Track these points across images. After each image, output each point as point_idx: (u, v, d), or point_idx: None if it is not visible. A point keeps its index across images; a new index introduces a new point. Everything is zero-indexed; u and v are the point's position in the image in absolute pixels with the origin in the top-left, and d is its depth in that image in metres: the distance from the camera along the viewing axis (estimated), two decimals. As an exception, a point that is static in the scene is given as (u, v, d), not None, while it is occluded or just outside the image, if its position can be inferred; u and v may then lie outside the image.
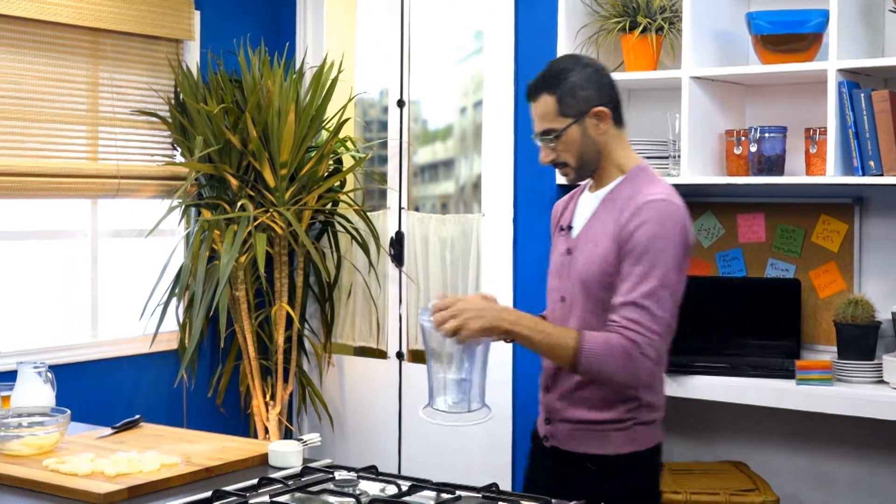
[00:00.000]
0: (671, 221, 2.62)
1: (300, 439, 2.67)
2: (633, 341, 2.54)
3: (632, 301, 2.57)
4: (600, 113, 2.71)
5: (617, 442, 2.71)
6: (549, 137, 2.72)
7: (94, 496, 2.26)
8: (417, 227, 4.95)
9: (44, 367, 3.06)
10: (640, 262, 2.59)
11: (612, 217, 2.68)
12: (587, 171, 2.78)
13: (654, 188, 2.69)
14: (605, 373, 2.58)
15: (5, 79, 4.16)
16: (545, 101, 2.70)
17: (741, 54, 4.30)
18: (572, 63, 2.75)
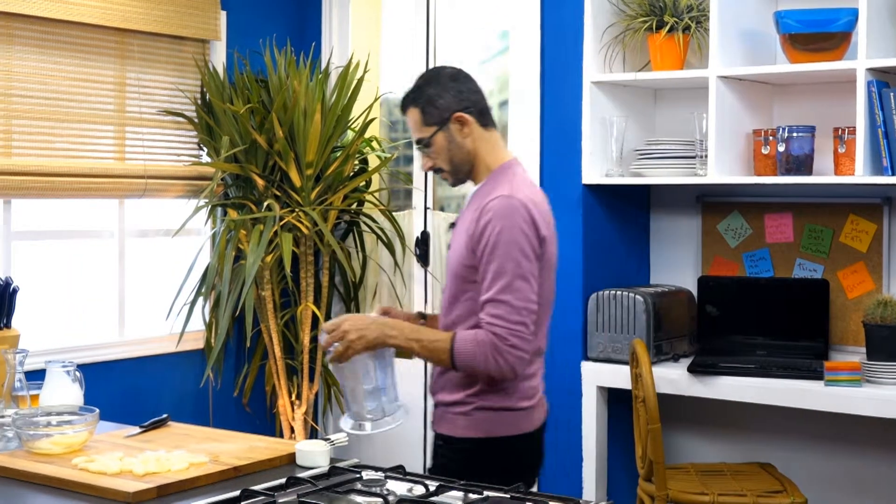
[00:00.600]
0: (514, 215, 2.78)
1: (327, 439, 2.66)
2: (498, 335, 2.73)
3: (491, 298, 2.75)
4: (461, 118, 2.89)
5: (459, 425, 2.90)
6: (421, 146, 2.93)
7: (124, 495, 2.26)
8: (443, 227, 4.95)
9: (72, 367, 3.07)
10: (492, 260, 2.77)
11: (470, 213, 2.87)
12: (462, 174, 2.96)
13: (504, 187, 2.83)
14: (478, 368, 2.76)
15: (34, 79, 4.18)
16: (412, 113, 2.93)
17: (769, 53, 4.27)
18: (431, 75, 2.98)
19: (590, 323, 4.36)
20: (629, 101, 4.52)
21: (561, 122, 4.47)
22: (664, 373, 4.09)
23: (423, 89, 2.93)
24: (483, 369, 2.76)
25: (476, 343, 2.74)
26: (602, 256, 4.52)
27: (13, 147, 4.12)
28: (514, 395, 2.87)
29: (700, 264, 4.60)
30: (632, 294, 4.26)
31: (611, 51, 4.39)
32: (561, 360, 4.47)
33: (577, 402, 4.40)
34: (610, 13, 4.40)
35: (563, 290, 4.46)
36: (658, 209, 4.73)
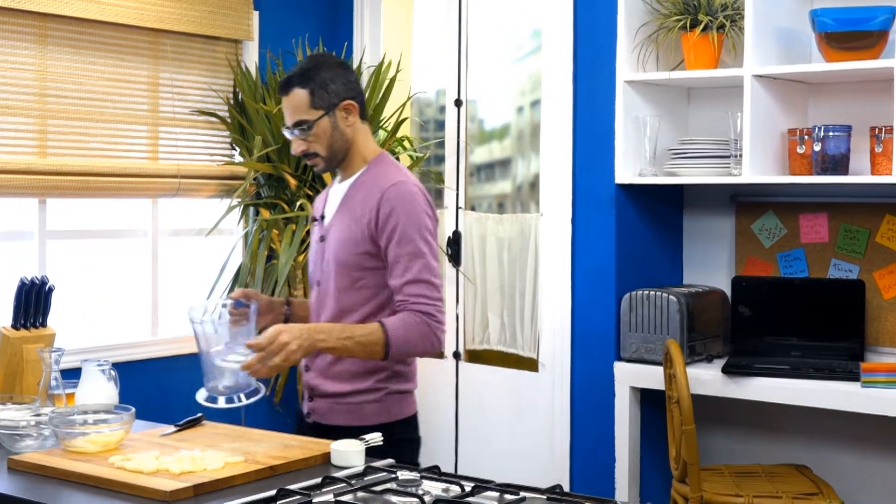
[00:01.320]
0: (416, 200, 2.89)
1: (362, 439, 2.66)
2: (426, 313, 2.83)
3: (412, 279, 2.84)
4: (349, 106, 2.97)
5: (368, 413, 2.96)
6: (302, 128, 2.95)
7: (161, 493, 2.27)
8: (475, 227, 4.94)
9: (107, 365, 3.08)
10: (404, 244, 2.85)
11: (357, 202, 2.93)
12: (336, 161, 3.01)
13: (395, 174, 2.95)
14: (414, 350, 2.87)
15: (68, 79, 4.20)
16: (297, 94, 2.94)
17: (804, 52, 4.24)
18: (322, 60, 3.01)
19: (623, 323, 4.35)
20: (662, 100, 4.50)
21: (594, 121, 4.46)
22: (698, 373, 4.07)
23: (314, 72, 2.95)
24: (420, 350, 2.87)
25: (407, 327, 2.82)
26: (635, 256, 4.50)
27: (48, 147, 4.15)
28: (412, 377, 3.05)
29: (734, 264, 4.57)
30: (665, 294, 4.24)
31: (644, 50, 4.36)
32: (594, 361, 4.46)
33: (609, 403, 4.39)
34: (643, 12, 4.38)
35: (595, 289, 4.47)
36: (691, 209, 4.70)
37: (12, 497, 2.38)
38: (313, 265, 3.09)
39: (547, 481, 4.29)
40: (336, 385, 2.97)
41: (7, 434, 2.74)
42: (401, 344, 2.83)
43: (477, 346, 4.96)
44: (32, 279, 3.34)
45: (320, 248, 3.04)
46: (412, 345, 2.85)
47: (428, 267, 2.87)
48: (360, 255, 2.92)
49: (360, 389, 2.96)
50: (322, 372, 3.00)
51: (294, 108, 2.95)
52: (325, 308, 3.00)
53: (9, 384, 3.26)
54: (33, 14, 4.06)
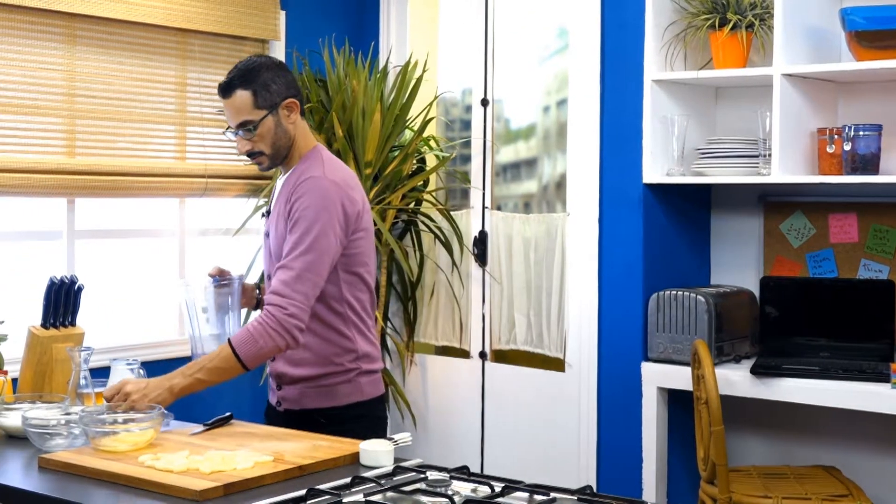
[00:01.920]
0: (325, 195, 2.95)
1: (391, 439, 2.66)
2: (278, 306, 2.87)
3: (283, 265, 2.91)
4: (291, 104, 3.04)
5: (342, 393, 3.05)
6: (247, 128, 3.01)
7: (191, 493, 2.27)
8: (501, 227, 4.93)
9: (136, 364, 3.09)
10: (295, 230, 2.92)
11: (284, 198, 3.02)
12: (279, 159, 3.08)
13: (315, 169, 3.01)
14: (266, 352, 2.89)
15: (97, 80, 4.22)
16: (240, 95, 3.01)
17: (833, 51, 4.21)
18: (261, 62, 3.06)
19: (650, 323, 4.33)
20: (689, 99, 4.48)
21: (621, 120, 4.44)
22: (726, 374, 4.05)
23: (255, 73, 3.01)
24: (270, 351, 2.89)
25: (253, 336, 2.86)
26: (662, 256, 4.48)
27: (77, 147, 4.16)
28: (377, 358, 3.13)
29: (762, 265, 4.55)
30: (693, 294, 4.22)
31: (672, 49, 4.35)
32: (621, 361, 4.44)
33: (637, 403, 4.37)
34: (671, 11, 4.36)
35: (623, 289, 4.45)
36: (719, 209, 4.68)
37: (44, 496, 2.39)
38: (264, 259, 3.18)
39: (573, 482, 4.30)
40: (306, 370, 3.04)
41: (37, 433, 2.75)
42: (252, 352, 2.87)
43: (503, 347, 4.95)
44: (62, 278, 3.35)
45: (266, 244, 3.14)
46: (261, 347, 2.87)
47: (303, 256, 2.91)
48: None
49: (332, 371, 3.04)
50: (288, 359, 3.07)
51: (238, 110, 3.01)
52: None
53: (38, 383, 3.27)
54: (62, 14, 4.08)
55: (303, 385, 3.06)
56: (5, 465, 2.70)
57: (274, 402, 3.16)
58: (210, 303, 3.08)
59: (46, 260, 4.21)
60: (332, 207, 2.95)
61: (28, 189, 3.99)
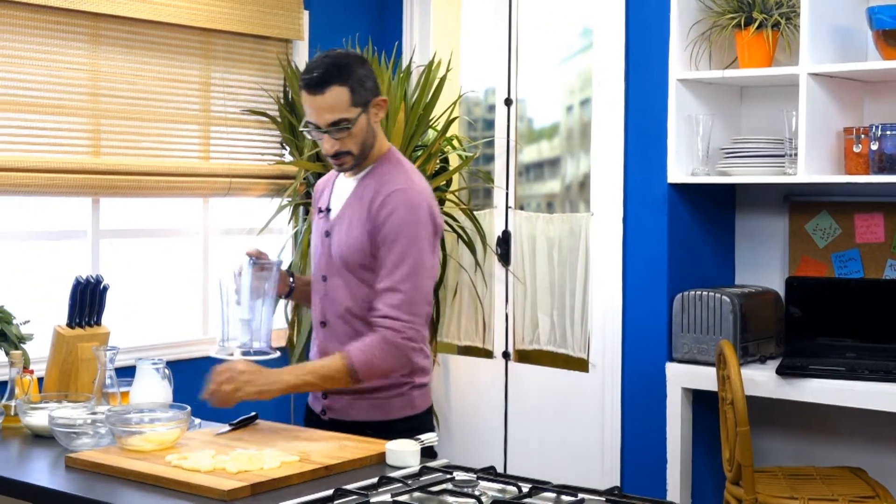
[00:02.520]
0: (420, 209, 2.86)
1: (417, 439, 2.65)
2: (394, 330, 2.80)
3: (390, 287, 2.82)
4: (381, 102, 2.92)
5: (396, 407, 2.94)
6: (343, 127, 2.84)
7: (218, 493, 2.26)
8: (524, 227, 4.92)
9: (161, 364, 3.08)
10: (392, 250, 2.82)
11: (363, 202, 2.89)
12: (364, 158, 2.93)
13: (399, 176, 2.90)
14: (381, 371, 2.84)
15: (121, 79, 4.24)
16: (337, 92, 2.82)
17: (860, 50, 4.19)
18: (352, 56, 2.90)
19: (675, 324, 4.31)
20: (714, 98, 4.46)
21: (646, 120, 4.42)
22: (751, 375, 4.02)
23: (350, 68, 2.85)
24: (385, 370, 2.84)
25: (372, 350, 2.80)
26: (687, 256, 4.46)
27: (101, 146, 4.17)
28: (428, 371, 3.02)
29: (787, 265, 4.52)
30: (718, 295, 4.20)
31: (697, 48, 4.32)
32: (645, 361, 4.43)
33: (661, 404, 4.35)
34: (695, 10, 4.34)
35: (647, 290, 4.44)
36: (743, 208, 4.65)
37: (71, 495, 2.39)
38: (318, 258, 3.02)
39: (597, 483, 4.29)
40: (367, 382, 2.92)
41: (64, 432, 2.75)
42: (367, 372, 2.82)
43: (526, 347, 4.94)
44: (87, 278, 3.35)
45: (325, 244, 2.99)
46: (381, 368, 2.83)
47: (410, 278, 2.82)
48: (365, 256, 2.89)
49: (385, 385, 2.93)
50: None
51: (332, 107, 2.83)
52: (337, 302, 2.96)
53: (64, 382, 3.27)
54: (87, 14, 4.10)
55: (352, 396, 2.96)
56: (32, 465, 2.71)
57: (318, 409, 3.05)
58: (245, 285, 2.93)
59: (71, 259, 4.23)
60: (424, 221, 2.86)
61: (53, 189, 4.00)
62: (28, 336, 3.34)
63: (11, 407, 3.03)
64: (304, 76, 2.85)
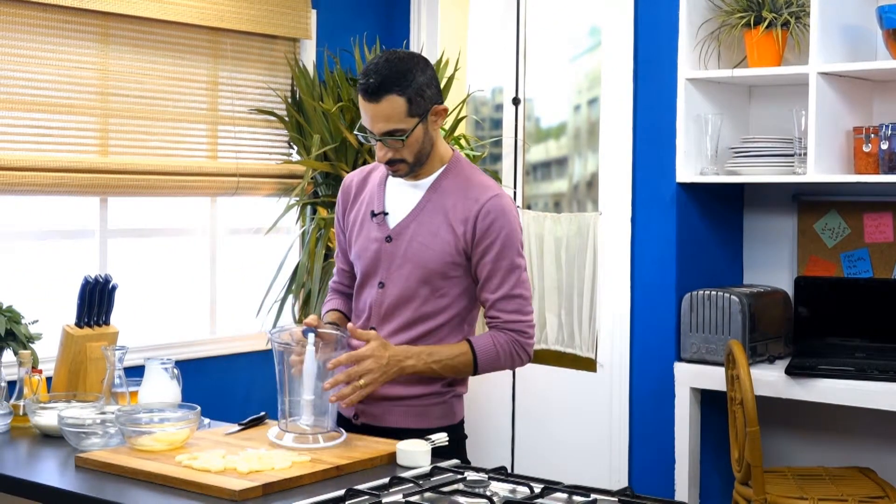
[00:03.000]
0: (512, 213, 2.81)
1: (428, 439, 2.64)
2: (517, 331, 2.81)
3: (507, 294, 2.78)
4: (441, 111, 2.77)
5: (435, 415, 2.87)
6: (398, 138, 2.71)
7: (229, 493, 2.26)
8: (532, 226, 4.91)
9: (170, 364, 3.08)
10: (502, 257, 2.76)
11: (447, 208, 2.79)
12: (419, 166, 2.81)
13: (485, 181, 2.83)
14: (499, 368, 2.85)
15: (130, 78, 4.23)
16: (394, 101, 2.67)
17: (869, 49, 4.18)
18: (414, 62, 2.72)
19: (683, 323, 4.30)
20: (723, 98, 4.45)
21: (655, 119, 4.42)
22: (760, 374, 4.01)
23: (410, 76, 2.68)
24: (507, 367, 2.86)
25: (497, 348, 2.80)
26: (695, 256, 4.45)
27: (110, 146, 4.17)
28: (466, 381, 2.96)
29: (795, 264, 4.51)
30: (727, 294, 4.19)
31: (706, 47, 4.31)
32: (654, 361, 4.42)
33: (669, 404, 4.34)
34: (705, 9, 4.33)
35: (656, 289, 4.42)
36: (752, 208, 4.64)
37: (81, 495, 2.39)
38: (373, 264, 2.86)
39: (605, 483, 4.28)
40: (400, 389, 2.83)
41: (73, 432, 2.75)
42: (489, 364, 2.82)
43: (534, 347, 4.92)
44: (96, 277, 3.35)
45: (386, 249, 2.84)
46: (499, 364, 2.84)
47: (522, 281, 2.80)
48: (447, 264, 2.78)
49: (428, 392, 2.85)
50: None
51: (388, 117, 2.68)
52: (396, 315, 2.84)
53: (72, 382, 3.27)
54: (96, 13, 4.09)
55: (390, 403, 2.85)
56: (41, 465, 2.71)
57: (349, 414, 2.91)
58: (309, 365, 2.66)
59: (78, 259, 4.22)
60: (519, 225, 2.83)
61: (62, 188, 4.00)
62: (37, 336, 3.33)
63: (20, 407, 3.02)
64: (361, 80, 2.70)
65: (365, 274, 2.90)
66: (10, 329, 3.25)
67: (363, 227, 2.91)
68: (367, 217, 2.90)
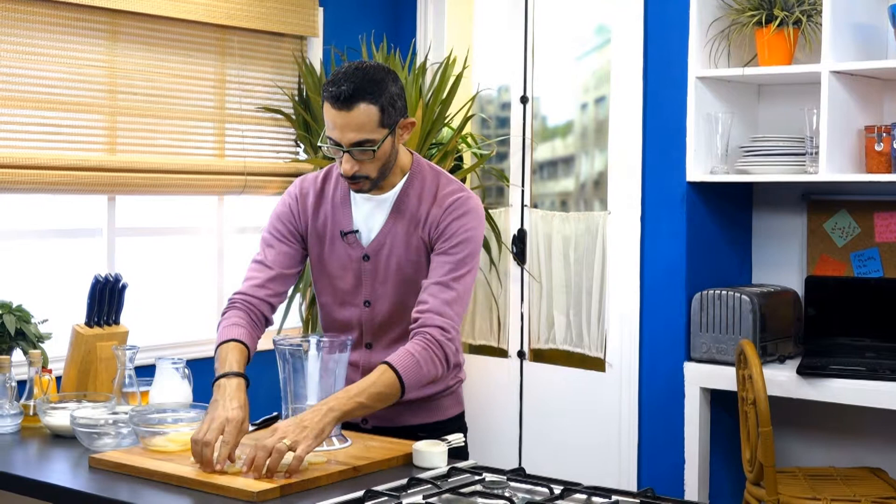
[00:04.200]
0: (479, 214, 2.76)
1: (444, 439, 2.62)
2: (441, 328, 2.64)
3: (441, 282, 2.67)
4: (408, 125, 2.70)
5: (446, 406, 2.88)
6: (366, 148, 2.61)
7: (248, 494, 2.23)
8: (540, 225, 4.89)
9: (181, 363, 3.06)
10: (455, 252, 2.70)
11: (418, 216, 2.75)
12: (381, 181, 2.72)
13: (449, 183, 2.78)
14: (426, 381, 2.66)
15: (138, 76, 4.21)
16: (366, 110, 2.58)
17: (880, 47, 4.16)
18: (385, 72, 2.65)
19: (693, 323, 4.29)
20: (732, 96, 4.43)
21: (665, 118, 4.40)
22: (771, 374, 4.00)
23: (383, 85, 2.60)
24: (433, 377, 2.67)
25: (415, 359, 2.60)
26: (705, 255, 4.44)
27: (118, 144, 4.15)
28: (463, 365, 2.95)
29: (804, 264, 4.50)
30: (737, 294, 4.17)
31: (716, 45, 4.30)
32: (663, 361, 4.40)
33: (679, 403, 4.33)
34: (715, 7, 4.31)
35: (665, 289, 4.41)
36: (761, 207, 4.63)
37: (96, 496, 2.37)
38: (354, 284, 2.81)
39: (613, 483, 4.27)
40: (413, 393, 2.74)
41: (86, 432, 2.72)
42: (413, 375, 2.61)
43: (542, 346, 4.92)
44: (106, 276, 3.33)
45: (366, 268, 2.80)
46: (423, 373, 2.63)
47: (462, 280, 2.70)
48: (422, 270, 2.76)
49: (441, 389, 2.86)
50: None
51: (360, 126, 2.58)
52: (389, 329, 2.82)
53: (82, 382, 3.25)
54: (104, 10, 4.07)
55: (403, 406, 2.76)
56: (54, 465, 2.68)
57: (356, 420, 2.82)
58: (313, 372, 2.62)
59: (86, 257, 4.20)
60: (482, 227, 2.79)
61: (70, 186, 3.97)
62: (47, 335, 3.32)
63: (30, 407, 3.00)
64: (331, 88, 2.59)
65: (344, 293, 2.85)
66: (20, 328, 3.23)
67: (334, 248, 2.84)
68: (336, 236, 2.83)
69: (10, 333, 3.20)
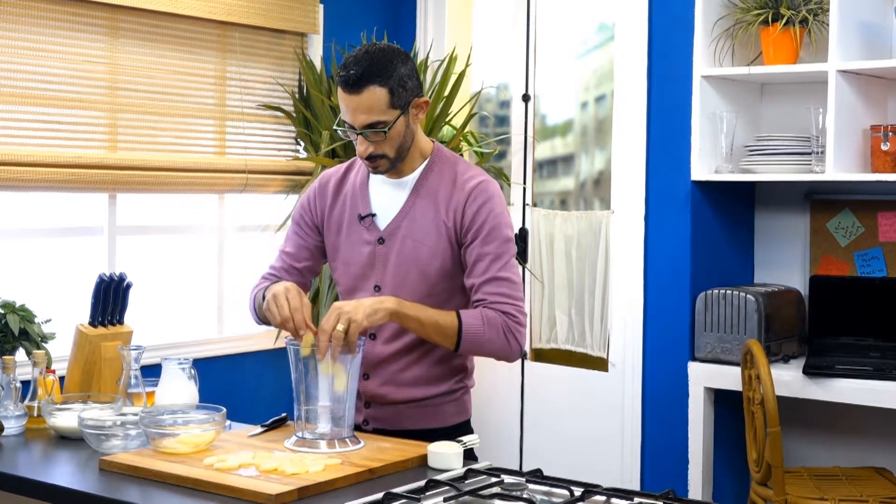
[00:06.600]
0: (500, 198, 2.77)
1: (460, 440, 2.59)
2: (507, 313, 2.67)
3: (493, 277, 2.68)
4: (422, 104, 2.73)
5: (449, 413, 2.84)
6: (379, 130, 2.66)
7: (265, 496, 2.20)
8: (542, 224, 4.87)
9: (188, 364, 3.01)
10: (489, 241, 2.70)
11: (437, 201, 2.75)
12: (400, 162, 2.76)
13: (468, 169, 2.79)
14: (485, 348, 2.69)
15: (138, 73, 4.17)
16: (375, 93, 2.63)
17: (884, 47, 4.15)
18: (394, 53, 2.69)
19: (697, 323, 4.27)
20: (736, 95, 4.41)
21: (669, 117, 4.38)
22: (776, 374, 3.96)
23: (391, 67, 2.64)
24: (494, 349, 2.70)
25: (485, 321, 2.66)
26: (709, 255, 4.42)
27: (118, 141, 4.11)
28: (473, 375, 2.91)
29: (807, 263, 4.48)
30: (742, 293, 4.15)
31: (721, 44, 4.28)
32: (667, 361, 4.38)
33: (683, 403, 4.31)
34: (719, 5, 4.30)
35: (669, 288, 4.39)
36: (763, 206, 4.61)
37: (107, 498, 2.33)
38: (366, 267, 2.81)
39: (616, 483, 4.23)
40: (411, 391, 2.79)
41: (94, 434, 2.68)
42: (473, 339, 2.66)
43: (544, 345, 4.89)
44: (111, 276, 3.29)
45: (380, 251, 2.79)
46: (486, 342, 2.67)
47: (510, 266, 2.71)
48: (443, 259, 2.74)
49: (441, 392, 2.82)
50: (390, 380, 2.80)
51: (369, 108, 2.63)
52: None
53: (86, 382, 3.20)
54: (105, 6, 4.03)
55: (403, 406, 2.80)
56: (62, 467, 2.64)
57: (359, 420, 2.81)
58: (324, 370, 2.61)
59: (87, 256, 4.16)
60: (507, 209, 2.79)
61: (71, 184, 3.93)
62: (50, 335, 3.28)
63: (35, 408, 2.96)
64: (342, 72, 2.65)
65: (356, 278, 2.84)
66: (23, 328, 3.19)
67: (350, 232, 2.85)
68: (353, 221, 2.84)
69: (14, 333, 3.16)
